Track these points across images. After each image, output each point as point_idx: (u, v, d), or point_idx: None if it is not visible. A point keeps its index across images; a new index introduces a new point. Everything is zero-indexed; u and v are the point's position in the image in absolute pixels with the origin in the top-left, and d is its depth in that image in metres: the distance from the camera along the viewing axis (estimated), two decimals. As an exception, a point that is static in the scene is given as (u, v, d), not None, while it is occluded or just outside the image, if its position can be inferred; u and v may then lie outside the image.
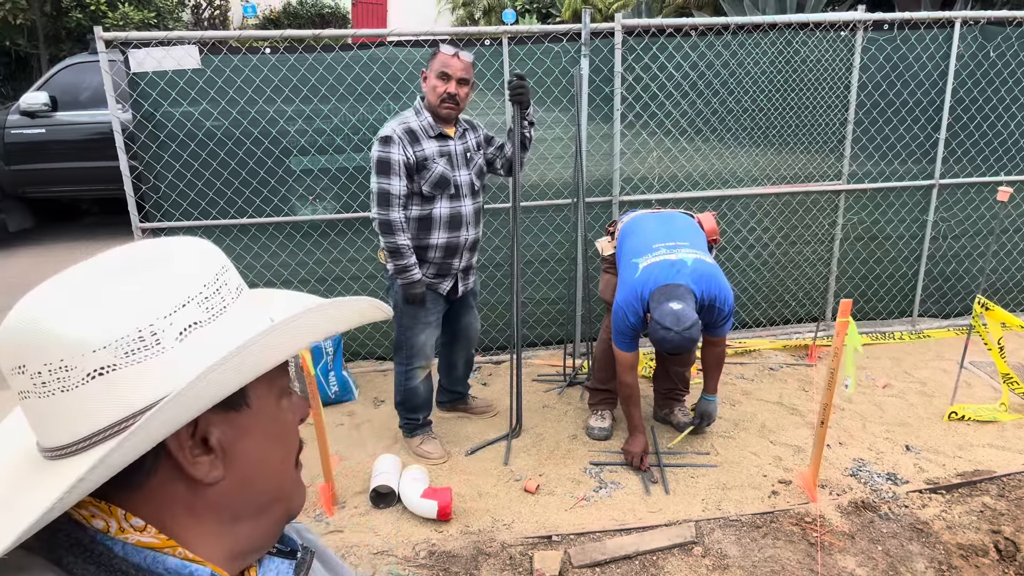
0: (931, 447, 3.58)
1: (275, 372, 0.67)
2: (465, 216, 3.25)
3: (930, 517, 3.04)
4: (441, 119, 3.16)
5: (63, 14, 9.66)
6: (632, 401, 3.40)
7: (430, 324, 3.36)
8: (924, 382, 4.27)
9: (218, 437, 0.63)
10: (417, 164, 3.10)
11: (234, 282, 0.66)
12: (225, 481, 0.65)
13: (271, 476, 0.69)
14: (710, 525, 3.02)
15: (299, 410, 0.73)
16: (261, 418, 0.67)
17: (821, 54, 4.53)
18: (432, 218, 3.18)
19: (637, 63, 4.33)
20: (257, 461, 0.67)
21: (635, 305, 3.14)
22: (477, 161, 3.29)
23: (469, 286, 3.47)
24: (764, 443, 3.65)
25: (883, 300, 5.08)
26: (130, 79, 3.92)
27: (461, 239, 3.27)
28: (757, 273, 4.89)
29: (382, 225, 3.10)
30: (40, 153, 7.13)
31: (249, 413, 0.66)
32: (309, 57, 4.06)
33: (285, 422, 0.70)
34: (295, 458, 0.73)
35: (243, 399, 0.65)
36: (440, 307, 3.39)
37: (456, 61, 3.09)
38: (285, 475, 0.71)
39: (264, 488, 0.68)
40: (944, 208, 4.91)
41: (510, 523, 3.06)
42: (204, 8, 13.42)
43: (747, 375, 4.43)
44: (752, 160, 4.68)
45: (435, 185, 3.15)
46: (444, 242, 3.23)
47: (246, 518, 0.68)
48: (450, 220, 3.21)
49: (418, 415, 3.57)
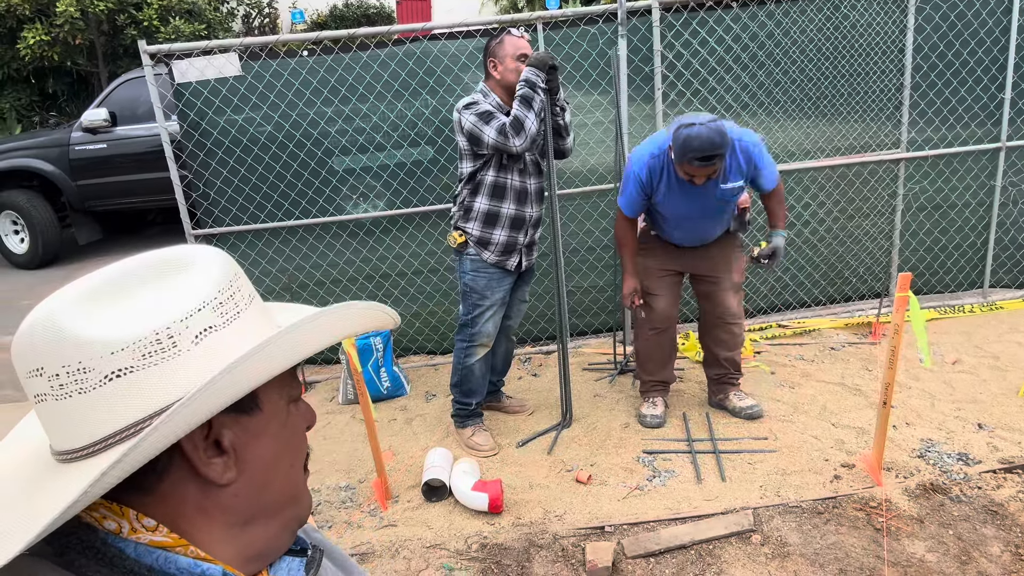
0: (1005, 424, 3.40)
1: (285, 378, 0.68)
2: (530, 193, 3.35)
3: (1005, 499, 2.88)
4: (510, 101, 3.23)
5: (119, 31, 9.99)
6: (626, 249, 3.47)
7: (497, 302, 3.41)
8: (997, 356, 4.05)
9: (231, 439, 0.64)
10: None
11: (246, 289, 0.67)
12: (237, 483, 0.65)
13: (282, 479, 0.70)
14: (769, 512, 2.93)
15: (307, 417, 0.74)
16: (272, 422, 0.68)
17: (872, 17, 4.33)
18: (506, 187, 3.28)
19: (677, 40, 4.22)
20: (268, 464, 0.68)
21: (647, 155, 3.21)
22: (539, 142, 3.33)
23: (532, 260, 3.54)
24: (825, 426, 3.52)
25: (951, 272, 4.84)
26: (175, 90, 4.01)
27: (527, 214, 3.36)
28: (814, 250, 4.72)
29: (513, 128, 3.08)
30: (103, 167, 7.39)
31: (261, 417, 0.67)
32: (346, 57, 4.09)
33: (295, 427, 0.71)
34: (303, 464, 0.74)
35: (255, 403, 0.66)
36: (507, 285, 3.43)
37: (523, 42, 3.24)
38: (294, 479, 0.72)
39: (275, 491, 0.69)
40: (1013, 172, 4.65)
41: (562, 514, 3.02)
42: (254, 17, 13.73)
43: (807, 356, 4.28)
44: (804, 133, 4.51)
45: (510, 155, 3.23)
46: (513, 213, 3.31)
47: (257, 521, 0.68)
48: (518, 193, 3.31)
49: (471, 400, 3.57)
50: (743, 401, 3.69)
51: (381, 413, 3.95)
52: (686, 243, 3.47)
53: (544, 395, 4.02)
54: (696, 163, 2.94)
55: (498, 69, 3.23)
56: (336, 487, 3.34)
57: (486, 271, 3.34)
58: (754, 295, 4.76)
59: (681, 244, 3.48)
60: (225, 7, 12.26)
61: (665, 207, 3.31)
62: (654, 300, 3.51)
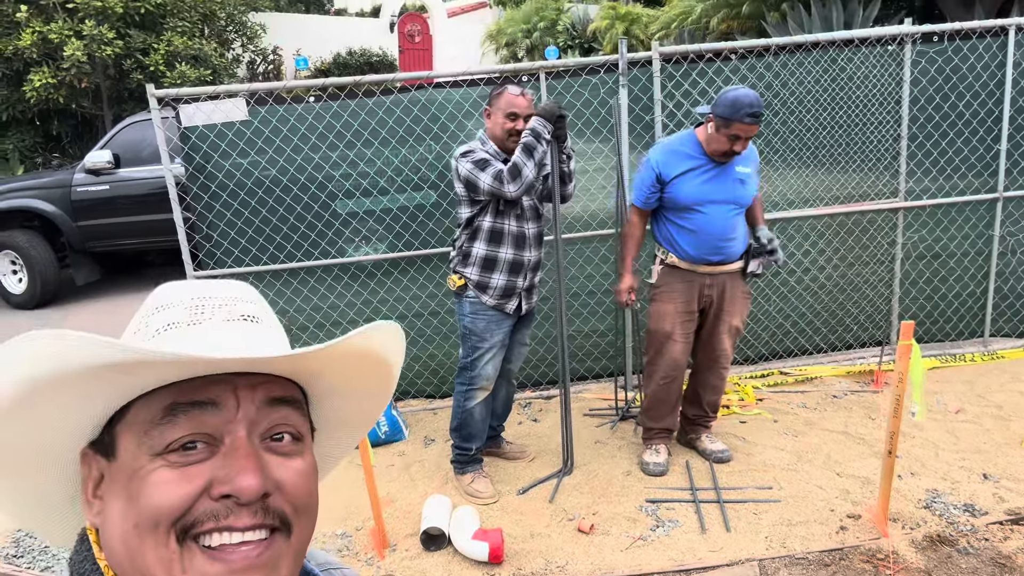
0: (1011, 475, 3.36)
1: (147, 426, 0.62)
2: (528, 237, 3.37)
3: (1013, 551, 2.83)
4: (506, 151, 3.29)
5: (125, 76, 10.14)
6: (631, 241, 3.55)
7: (496, 344, 3.40)
8: (1000, 406, 4.03)
9: (104, 485, 0.65)
10: None
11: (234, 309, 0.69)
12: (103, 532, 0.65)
13: (121, 540, 0.63)
14: (775, 564, 2.87)
15: (165, 487, 0.61)
16: (122, 473, 0.63)
17: (869, 70, 4.41)
18: (503, 233, 3.31)
19: (677, 90, 4.28)
20: (113, 519, 0.64)
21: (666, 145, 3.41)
22: (538, 187, 3.40)
23: (532, 304, 3.54)
24: (830, 475, 3.48)
25: (951, 320, 4.85)
26: (181, 133, 4.05)
27: (525, 258, 3.37)
28: (815, 297, 4.73)
29: (510, 172, 3.14)
30: (105, 208, 7.43)
31: (116, 465, 0.64)
32: (352, 103, 4.14)
33: (149, 483, 0.61)
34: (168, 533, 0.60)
35: (114, 447, 0.64)
36: (506, 328, 3.43)
37: (522, 100, 3.26)
38: (140, 545, 0.61)
39: (120, 553, 0.63)
40: (1011, 222, 4.69)
41: (564, 565, 2.96)
42: (259, 64, 13.96)
43: (809, 404, 4.25)
44: (803, 181, 4.55)
45: (506, 201, 3.27)
46: (511, 258, 3.33)
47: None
48: (516, 238, 3.33)
49: (471, 445, 3.53)
50: (714, 444, 3.70)
51: (379, 458, 3.90)
52: (706, 255, 3.38)
53: (545, 441, 3.98)
54: (748, 119, 3.11)
55: (490, 119, 3.31)
56: (332, 535, 3.27)
57: (485, 314, 3.35)
58: (755, 341, 4.75)
59: (701, 259, 3.39)
60: (230, 53, 12.47)
61: (687, 192, 3.33)
62: (672, 345, 3.47)
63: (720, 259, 3.40)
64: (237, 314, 0.69)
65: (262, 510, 0.63)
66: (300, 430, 0.69)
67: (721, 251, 3.39)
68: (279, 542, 0.64)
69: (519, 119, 3.23)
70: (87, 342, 0.56)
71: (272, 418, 0.66)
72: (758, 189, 3.53)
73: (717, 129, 3.21)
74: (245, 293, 0.72)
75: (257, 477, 0.62)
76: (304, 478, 0.67)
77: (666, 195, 3.39)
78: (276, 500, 0.64)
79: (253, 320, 0.70)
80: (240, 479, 0.61)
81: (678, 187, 3.35)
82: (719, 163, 3.32)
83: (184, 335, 0.65)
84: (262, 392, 0.66)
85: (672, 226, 3.43)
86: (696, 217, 3.34)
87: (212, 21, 11.62)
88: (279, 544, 0.64)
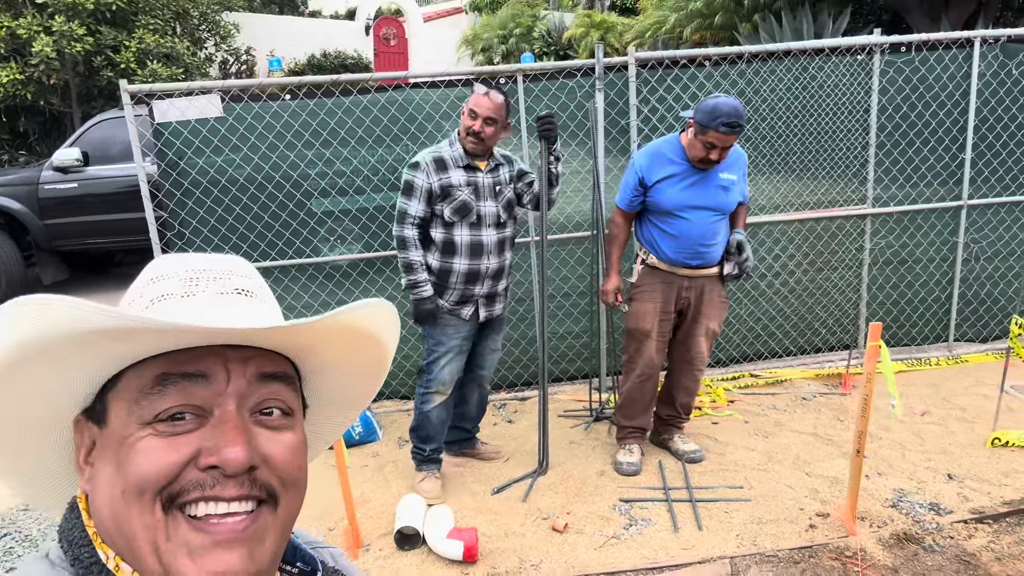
0: (975, 475, 3.44)
1: (136, 395, 0.63)
2: (487, 245, 3.31)
3: (978, 548, 2.90)
4: (468, 153, 3.26)
5: (95, 73, 9.98)
6: (616, 242, 3.58)
7: (452, 348, 3.38)
8: (964, 408, 4.13)
9: (96, 451, 0.66)
10: (441, 191, 3.22)
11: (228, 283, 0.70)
12: (93, 499, 0.66)
13: (109, 506, 0.63)
14: (746, 561, 2.91)
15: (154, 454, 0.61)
16: (112, 441, 0.64)
17: (838, 79, 4.50)
18: (455, 243, 3.27)
19: (652, 95, 4.34)
20: (102, 486, 0.64)
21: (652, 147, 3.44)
22: (506, 195, 3.37)
23: (494, 313, 3.47)
24: (799, 475, 3.54)
25: (916, 325, 4.95)
26: (154, 129, 4.01)
27: (482, 267, 3.32)
28: (785, 301, 4.80)
29: (398, 240, 3.26)
30: (73, 207, 7.30)
31: (107, 432, 0.65)
32: (328, 102, 4.13)
33: (140, 453, 0.61)
34: (153, 501, 0.61)
35: (105, 415, 0.65)
36: (464, 332, 3.40)
37: (485, 100, 3.20)
38: (127, 512, 0.61)
39: (108, 519, 0.63)
40: (975, 229, 4.81)
41: (538, 563, 2.97)
42: (231, 63, 13.82)
43: (779, 405, 4.32)
44: (774, 187, 4.63)
45: (455, 211, 3.24)
46: (466, 268, 3.29)
47: (124, 555, 0.63)
48: (471, 247, 3.28)
49: (425, 446, 3.53)
50: (687, 444, 3.75)
51: (353, 459, 3.88)
52: (685, 259, 3.42)
53: (520, 442, 3.99)
54: (723, 128, 3.11)
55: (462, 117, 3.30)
56: (306, 534, 3.25)
57: (442, 317, 3.34)
58: (727, 344, 4.81)
59: (680, 262, 3.43)
60: (203, 53, 12.33)
61: (668, 196, 3.36)
62: (648, 344, 3.51)
63: (699, 263, 3.44)
64: (231, 287, 0.69)
65: (249, 482, 0.63)
66: (291, 405, 0.69)
67: (700, 256, 3.43)
68: (265, 515, 0.65)
69: (478, 119, 3.18)
70: (76, 307, 0.56)
71: (262, 392, 0.66)
72: (747, 196, 3.58)
73: (695, 135, 3.25)
74: (240, 267, 0.72)
75: (244, 449, 0.62)
76: (292, 452, 0.67)
77: (648, 199, 3.42)
78: (263, 473, 0.64)
79: (247, 294, 0.70)
80: (227, 450, 0.61)
81: (660, 192, 3.37)
82: (701, 169, 3.34)
83: (177, 306, 0.65)
84: (253, 367, 0.66)
85: (655, 229, 3.46)
86: (677, 222, 3.38)
87: (185, 19, 11.48)
88: (265, 517, 0.65)
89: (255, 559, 0.63)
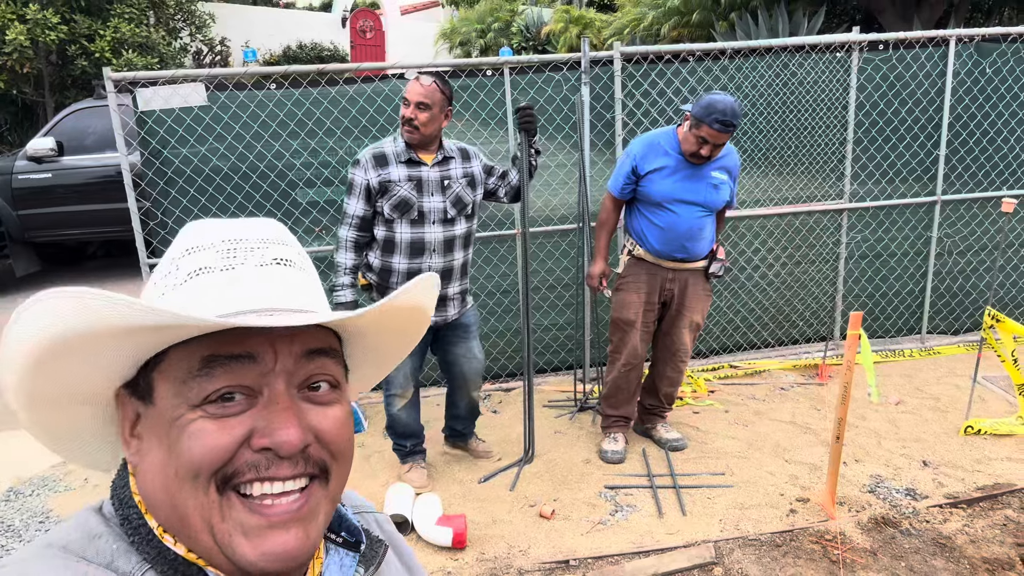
0: (949, 462, 3.55)
1: (185, 376, 0.63)
2: (430, 243, 3.18)
3: (952, 532, 3.00)
4: (411, 145, 3.16)
5: (69, 62, 9.82)
6: (605, 228, 3.61)
7: None
8: (937, 398, 4.24)
9: (142, 425, 0.66)
10: (380, 187, 3.12)
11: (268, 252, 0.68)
12: (142, 473, 0.66)
13: (161, 486, 0.64)
14: (729, 545, 2.98)
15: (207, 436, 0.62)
16: (162, 420, 0.63)
17: (817, 76, 4.59)
18: (394, 241, 3.17)
19: (636, 89, 4.39)
20: (153, 465, 0.64)
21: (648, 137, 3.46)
22: (455, 190, 3.22)
23: (447, 318, 3.33)
24: (779, 462, 3.62)
25: (891, 318, 5.07)
26: (138, 117, 3.97)
27: (423, 266, 3.19)
28: (763, 294, 4.89)
29: (336, 239, 3.21)
30: (46, 197, 7.19)
31: (154, 411, 0.64)
32: (314, 91, 4.12)
33: (191, 436, 0.61)
34: (208, 482, 0.62)
35: (150, 393, 0.65)
36: None
37: (415, 85, 3.08)
38: (179, 492, 0.62)
39: (159, 496, 0.64)
40: (948, 224, 4.93)
41: (526, 549, 3.01)
42: (206, 54, 13.66)
43: (758, 395, 4.40)
44: (754, 182, 4.71)
45: (394, 208, 3.13)
46: (406, 267, 3.19)
47: (174, 531, 0.65)
48: (411, 245, 3.17)
49: (404, 442, 3.55)
50: (670, 433, 3.81)
51: (339, 448, 3.88)
52: (671, 252, 3.45)
53: (505, 431, 4.02)
54: (716, 125, 3.14)
55: None
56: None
57: None
58: (707, 336, 4.88)
59: (666, 255, 3.46)
60: (178, 42, 12.18)
61: (658, 188, 3.39)
62: (632, 333, 3.56)
63: (684, 256, 3.50)
64: (270, 258, 0.67)
65: (302, 460, 0.64)
66: (337, 378, 0.69)
67: (686, 249, 3.48)
68: (317, 491, 0.66)
69: (410, 105, 3.07)
70: (125, 305, 0.56)
71: (309, 368, 0.66)
72: (735, 200, 3.63)
73: (690, 128, 3.28)
74: (277, 233, 0.71)
75: (297, 431, 0.62)
76: (341, 425, 0.68)
77: (640, 188, 3.46)
78: (315, 449, 0.65)
79: (287, 263, 0.68)
80: (280, 433, 0.62)
81: (652, 182, 3.41)
82: (693, 164, 3.37)
83: (217, 282, 0.64)
84: (300, 344, 0.65)
85: (643, 219, 3.50)
86: (665, 215, 3.42)
87: (160, 8, 11.34)
88: (317, 493, 0.66)
89: (310, 536, 0.64)
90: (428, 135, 3.13)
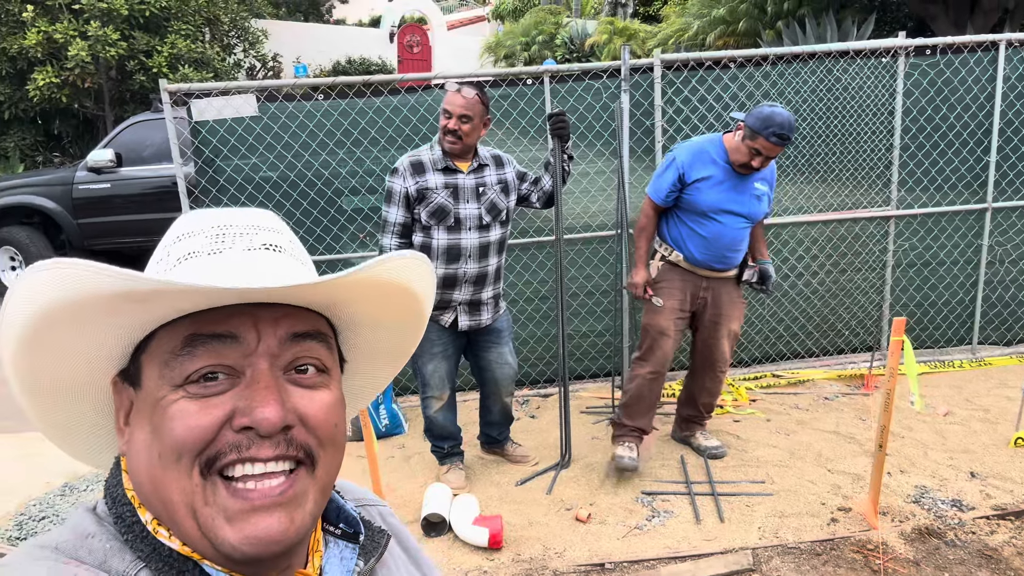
0: (997, 474, 3.45)
1: (167, 357, 0.62)
2: (466, 249, 3.24)
3: (999, 543, 2.92)
4: (447, 154, 3.23)
5: (127, 77, 10.22)
6: (645, 234, 3.55)
7: (436, 355, 3.37)
8: (987, 409, 4.13)
9: (133, 412, 0.66)
10: (418, 194, 3.19)
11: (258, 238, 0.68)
12: (129, 459, 0.66)
13: (146, 470, 0.63)
14: (768, 553, 2.95)
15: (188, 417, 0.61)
16: (146, 403, 0.63)
17: (863, 81, 4.53)
18: (431, 248, 3.22)
19: (677, 96, 4.40)
20: (138, 449, 0.64)
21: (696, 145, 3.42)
22: (490, 196, 3.27)
23: (481, 323, 3.39)
24: (821, 471, 3.56)
25: (940, 328, 4.95)
26: (192, 128, 4.13)
27: (459, 272, 3.25)
28: (808, 302, 4.83)
29: (379, 250, 3.26)
30: (105, 207, 7.48)
31: (142, 394, 0.64)
32: (360, 102, 4.23)
33: (173, 417, 0.61)
34: (192, 465, 0.61)
35: (139, 377, 0.65)
36: (447, 339, 3.37)
37: (457, 97, 3.14)
38: (164, 476, 0.62)
39: (144, 482, 0.64)
40: (999, 232, 4.81)
41: (562, 551, 3.03)
42: (258, 69, 14.06)
43: (802, 405, 4.34)
44: (798, 188, 4.67)
45: (432, 215, 3.20)
46: (442, 273, 3.24)
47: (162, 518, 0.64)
48: (448, 252, 3.23)
49: (442, 444, 3.60)
50: (709, 441, 3.77)
51: (380, 450, 3.95)
52: (710, 262, 3.44)
53: (543, 436, 4.05)
54: (774, 138, 3.12)
55: None
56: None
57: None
58: (749, 345, 4.84)
59: (704, 264, 3.45)
60: (232, 58, 12.56)
61: (706, 198, 3.36)
62: (664, 341, 3.53)
63: (722, 267, 3.49)
64: (259, 243, 0.67)
65: (285, 442, 0.62)
66: (326, 363, 0.68)
67: (725, 260, 3.46)
68: (303, 477, 0.64)
69: (452, 118, 3.13)
70: (94, 271, 0.56)
71: (295, 351, 0.65)
72: (770, 211, 3.61)
73: (743, 139, 3.24)
74: (268, 221, 0.70)
75: (276, 408, 0.61)
76: (329, 410, 0.66)
77: (685, 196, 3.41)
78: (300, 432, 0.64)
79: (276, 249, 0.68)
80: (259, 411, 0.60)
81: (699, 191, 3.37)
82: (740, 174, 3.35)
83: (204, 265, 0.64)
84: (285, 326, 0.64)
85: (684, 227, 3.46)
86: (711, 224, 3.38)
87: (215, 25, 11.72)
88: (303, 479, 0.64)
89: (295, 521, 0.63)
90: (469, 145, 3.22)
